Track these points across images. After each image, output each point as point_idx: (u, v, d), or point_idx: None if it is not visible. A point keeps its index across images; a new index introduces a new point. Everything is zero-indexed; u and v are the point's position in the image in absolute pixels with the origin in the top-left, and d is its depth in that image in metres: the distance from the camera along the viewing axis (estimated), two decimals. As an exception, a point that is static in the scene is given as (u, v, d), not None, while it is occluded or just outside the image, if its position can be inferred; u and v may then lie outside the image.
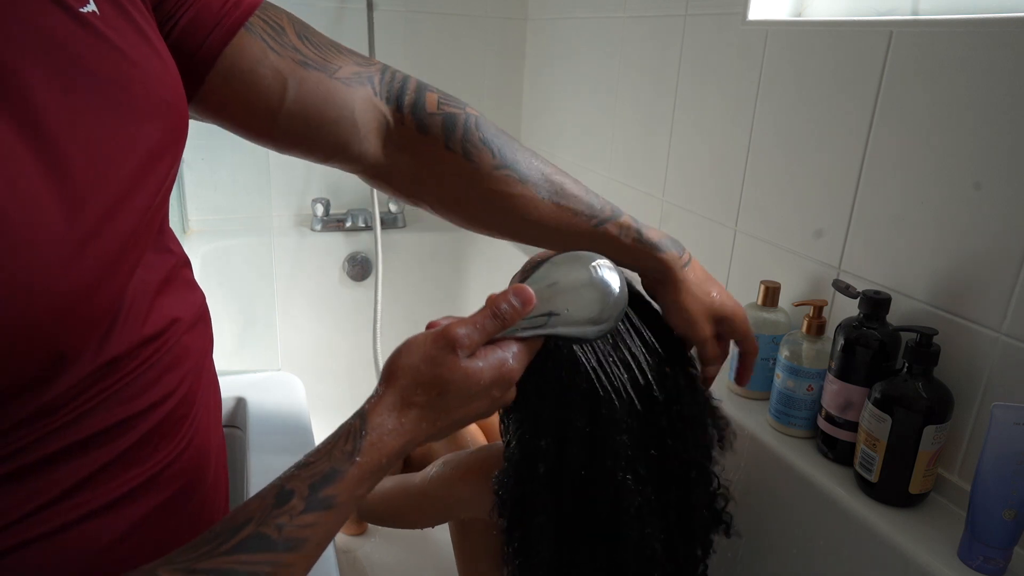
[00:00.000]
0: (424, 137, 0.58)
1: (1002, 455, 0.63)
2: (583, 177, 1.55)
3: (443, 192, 0.61)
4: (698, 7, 1.11)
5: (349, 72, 0.56)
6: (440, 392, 0.46)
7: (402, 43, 1.65)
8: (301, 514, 0.41)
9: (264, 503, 0.41)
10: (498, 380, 0.49)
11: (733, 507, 0.74)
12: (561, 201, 0.62)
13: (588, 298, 0.55)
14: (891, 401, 0.72)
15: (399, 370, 0.47)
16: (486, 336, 0.49)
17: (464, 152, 0.58)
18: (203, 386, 0.55)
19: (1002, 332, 0.69)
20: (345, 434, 0.45)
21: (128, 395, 0.45)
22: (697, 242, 1.15)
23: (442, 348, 0.47)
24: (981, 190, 0.71)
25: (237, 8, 0.51)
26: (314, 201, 1.64)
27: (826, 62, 0.88)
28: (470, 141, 0.58)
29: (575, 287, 0.55)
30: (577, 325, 0.54)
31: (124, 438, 0.45)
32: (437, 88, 0.61)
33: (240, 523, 0.40)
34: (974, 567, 0.66)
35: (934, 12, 0.81)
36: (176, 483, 0.50)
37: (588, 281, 0.56)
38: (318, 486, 0.42)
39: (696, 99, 1.14)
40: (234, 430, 0.89)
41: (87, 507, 0.44)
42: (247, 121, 0.53)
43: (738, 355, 0.74)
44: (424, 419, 0.46)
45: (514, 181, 0.60)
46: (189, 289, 0.54)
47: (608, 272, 0.57)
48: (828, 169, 0.89)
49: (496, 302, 0.50)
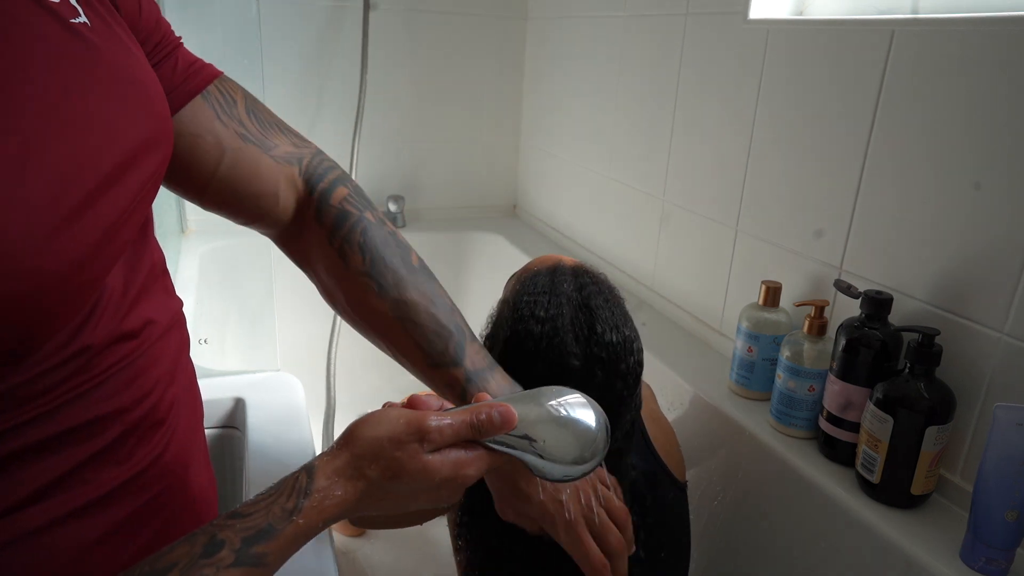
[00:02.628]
0: (317, 225, 0.61)
1: (1004, 456, 0.63)
2: (583, 177, 1.55)
3: (321, 280, 0.63)
4: (699, 6, 1.11)
5: (283, 151, 0.60)
6: (394, 475, 0.46)
7: (402, 43, 1.65)
8: (228, 567, 0.39)
9: (192, 550, 0.40)
10: (451, 481, 0.48)
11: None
12: (407, 327, 0.60)
13: (568, 439, 0.52)
14: (893, 402, 0.72)
15: (361, 439, 0.46)
16: (456, 439, 0.48)
17: (339, 250, 0.60)
18: (180, 390, 0.55)
19: (1004, 332, 0.69)
20: (289, 490, 0.44)
21: (103, 393, 0.46)
22: (698, 242, 1.15)
23: (411, 434, 0.46)
24: (982, 189, 0.71)
25: (199, 75, 0.55)
26: (313, 201, 1.63)
27: (827, 61, 0.88)
28: (349, 242, 0.60)
29: (562, 422, 0.52)
30: (558, 463, 0.52)
31: (99, 437, 0.45)
32: (355, 186, 0.64)
33: (163, 568, 0.39)
34: (976, 568, 0.66)
35: (934, 11, 0.80)
36: (155, 487, 0.50)
37: (574, 421, 0.53)
38: (251, 540, 0.41)
39: (697, 98, 1.14)
40: (232, 431, 0.88)
41: (62, 508, 0.44)
42: (182, 180, 0.56)
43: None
44: (369, 495, 0.46)
45: (372, 292, 0.60)
46: (167, 295, 0.56)
47: (595, 414, 0.54)
48: (829, 168, 0.89)
49: (478, 412, 0.49)
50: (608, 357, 0.66)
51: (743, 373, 0.95)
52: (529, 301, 0.69)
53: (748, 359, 0.94)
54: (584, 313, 0.67)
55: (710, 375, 1.02)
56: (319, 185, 0.61)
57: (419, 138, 1.75)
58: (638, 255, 1.32)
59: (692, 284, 1.19)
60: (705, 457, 0.96)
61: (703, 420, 0.97)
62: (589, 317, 0.67)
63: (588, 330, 0.67)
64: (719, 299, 1.11)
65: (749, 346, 0.93)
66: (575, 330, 0.67)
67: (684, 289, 1.21)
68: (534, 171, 1.80)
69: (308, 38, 1.58)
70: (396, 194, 1.73)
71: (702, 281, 1.16)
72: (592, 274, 0.72)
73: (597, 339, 0.66)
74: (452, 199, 1.84)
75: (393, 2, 1.61)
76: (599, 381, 0.66)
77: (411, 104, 1.71)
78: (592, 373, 0.66)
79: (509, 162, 1.87)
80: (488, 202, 1.89)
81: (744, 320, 0.93)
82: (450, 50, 1.70)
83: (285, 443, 0.80)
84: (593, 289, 0.70)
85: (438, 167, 1.80)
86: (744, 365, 0.95)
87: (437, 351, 0.59)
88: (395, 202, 1.71)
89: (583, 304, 0.68)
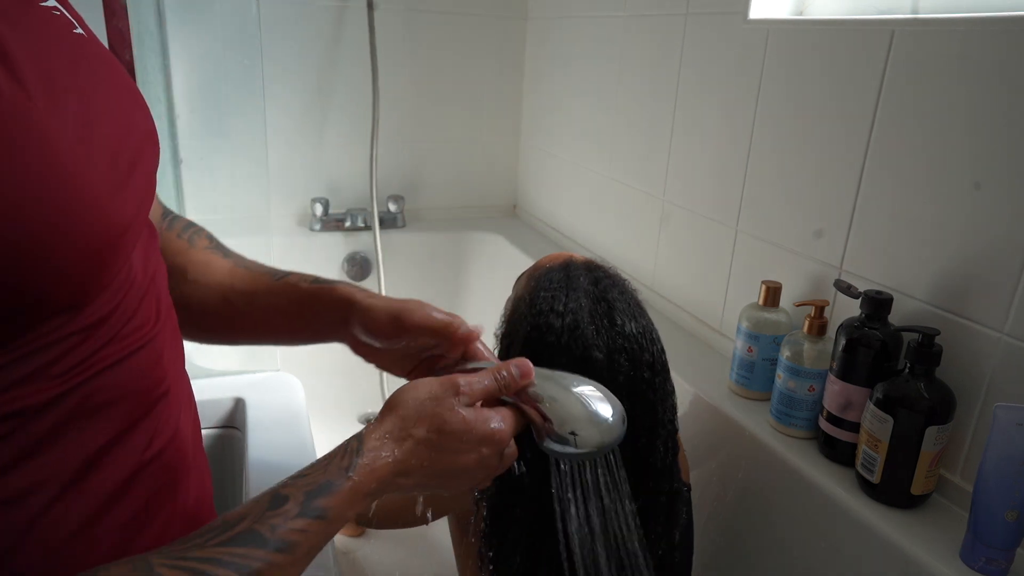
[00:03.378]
0: (167, 232, 0.68)
1: (1004, 456, 0.63)
2: (583, 177, 1.55)
3: (170, 262, 0.65)
4: (699, 6, 1.11)
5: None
6: (438, 429, 0.48)
7: (402, 43, 1.65)
8: (295, 518, 0.42)
9: (259, 505, 0.42)
10: (488, 438, 0.50)
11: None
12: (249, 266, 0.68)
13: (592, 431, 0.53)
14: (893, 402, 0.72)
15: (402, 402, 0.49)
16: (484, 393, 0.52)
17: (188, 239, 0.68)
18: (183, 390, 0.56)
19: (1004, 332, 0.69)
20: (342, 452, 0.47)
21: (123, 374, 0.47)
22: (698, 242, 1.15)
23: (446, 391, 0.50)
24: (982, 189, 0.71)
25: None
26: (313, 201, 1.64)
27: (828, 61, 0.88)
28: (198, 234, 0.69)
29: (584, 403, 0.54)
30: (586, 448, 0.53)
31: (120, 420, 0.47)
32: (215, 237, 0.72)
33: (233, 521, 0.41)
34: (976, 568, 0.66)
35: (934, 11, 0.80)
36: (160, 478, 0.52)
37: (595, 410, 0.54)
38: (313, 495, 0.43)
39: (697, 98, 1.14)
40: (232, 431, 0.88)
41: (94, 492, 0.45)
42: None
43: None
44: (416, 454, 0.48)
45: (218, 256, 0.68)
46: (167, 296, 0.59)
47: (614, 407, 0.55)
48: (829, 168, 0.89)
49: (499, 368, 0.53)
50: (631, 348, 0.68)
51: (743, 373, 0.95)
52: (547, 296, 0.70)
53: (748, 359, 0.94)
54: (602, 305, 0.69)
55: (710, 375, 1.02)
56: (176, 222, 0.70)
57: (419, 138, 1.75)
58: (638, 255, 1.32)
59: (692, 284, 1.18)
60: (705, 457, 0.96)
61: (703, 420, 0.97)
62: (608, 309, 0.69)
63: (608, 321, 0.68)
64: (719, 299, 1.11)
65: (749, 346, 0.93)
66: (595, 322, 0.68)
67: (684, 289, 1.21)
68: (534, 171, 1.80)
69: (309, 38, 1.58)
70: (396, 194, 1.73)
71: (702, 281, 1.16)
72: (604, 268, 0.74)
73: (618, 330, 0.68)
74: (452, 199, 1.84)
75: (393, 2, 1.60)
76: (625, 371, 0.67)
77: (411, 104, 1.71)
78: (617, 364, 0.67)
79: (509, 162, 1.87)
80: (488, 202, 1.89)
81: (744, 320, 0.93)
82: (450, 50, 1.70)
83: (285, 443, 0.80)
84: (608, 283, 0.71)
85: (438, 167, 1.80)
86: (744, 365, 0.95)
87: (280, 272, 0.67)
88: (395, 202, 1.71)
89: (600, 297, 0.69)
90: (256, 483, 0.73)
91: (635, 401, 0.66)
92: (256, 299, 0.65)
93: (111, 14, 0.85)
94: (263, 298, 0.65)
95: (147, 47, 0.90)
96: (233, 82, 1.03)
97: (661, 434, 0.69)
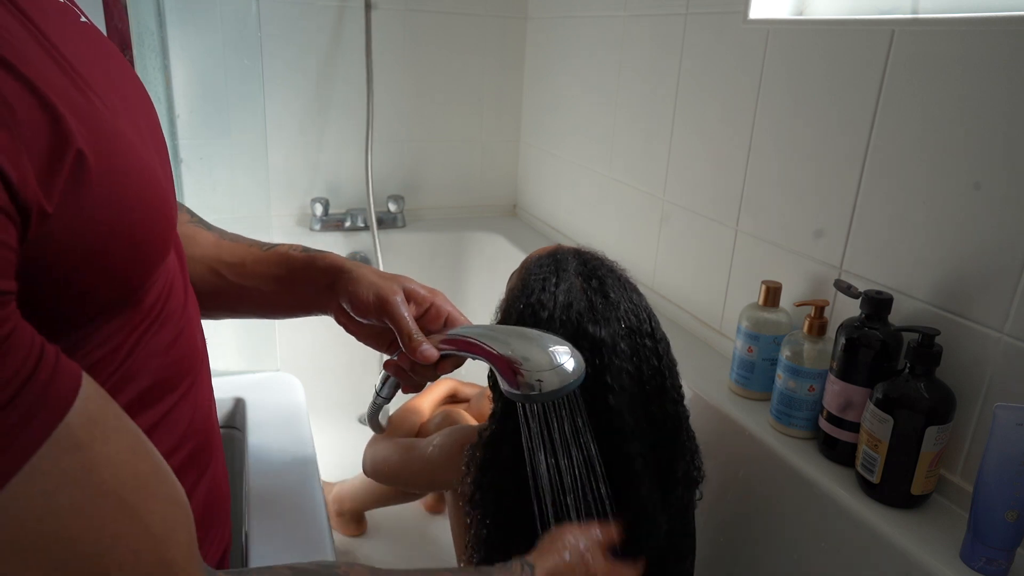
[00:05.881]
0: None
1: (1004, 456, 0.63)
2: (583, 176, 1.55)
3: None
4: (699, 6, 1.11)
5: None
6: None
7: (402, 42, 1.65)
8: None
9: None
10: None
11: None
12: (235, 239, 0.70)
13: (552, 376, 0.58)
14: (893, 402, 0.72)
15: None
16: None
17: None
18: (207, 363, 0.58)
19: (1004, 332, 0.69)
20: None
21: (175, 351, 0.49)
22: (697, 242, 1.15)
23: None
24: (982, 190, 0.71)
25: None
26: (313, 201, 1.64)
27: (828, 61, 0.88)
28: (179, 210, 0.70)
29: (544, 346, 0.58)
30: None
31: (162, 402, 0.48)
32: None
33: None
34: (976, 568, 0.66)
35: (934, 11, 0.80)
36: (195, 454, 0.54)
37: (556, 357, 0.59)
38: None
39: (697, 98, 1.14)
40: (232, 431, 0.88)
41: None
42: None
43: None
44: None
45: (201, 229, 0.69)
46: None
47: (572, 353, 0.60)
48: (829, 168, 0.89)
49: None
50: (627, 322, 0.69)
51: (743, 373, 0.95)
52: (537, 279, 0.71)
53: (748, 359, 0.94)
54: (595, 282, 0.71)
55: (710, 375, 1.02)
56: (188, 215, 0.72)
57: (419, 138, 1.75)
58: (638, 255, 1.32)
59: (692, 284, 1.18)
60: (705, 457, 0.96)
61: (703, 420, 0.97)
62: (600, 285, 0.70)
63: (602, 297, 0.70)
64: (719, 299, 1.11)
65: (749, 346, 0.93)
66: (588, 298, 0.69)
67: (684, 289, 1.21)
68: (534, 171, 1.80)
69: (309, 38, 1.58)
70: (396, 194, 1.73)
71: (702, 281, 1.16)
72: (593, 252, 0.77)
73: (612, 304, 0.69)
74: (452, 199, 1.84)
75: (392, 2, 1.60)
76: (625, 345, 0.68)
77: (411, 104, 1.71)
78: (615, 338, 0.68)
79: (509, 162, 1.87)
80: (488, 202, 1.89)
81: (744, 320, 0.93)
82: (450, 50, 1.70)
83: (285, 443, 0.80)
84: (596, 263, 0.74)
85: (438, 167, 1.80)
86: (744, 365, 0.95)
87: (268, 244, 0.68)
88: (395, 202, 1.71)
89: (591, 275, 0.71)
90: (256, 483, 0.73)
91: (640, 367, 0.69)
92: (245, 269, 0.66)
93: (111, 14, 0.85)
94: (252, 267, 0.66)
95: (147, 47, 0.90)
96: (233, 82, 1.03)
97: (672, 398, 0.72)
